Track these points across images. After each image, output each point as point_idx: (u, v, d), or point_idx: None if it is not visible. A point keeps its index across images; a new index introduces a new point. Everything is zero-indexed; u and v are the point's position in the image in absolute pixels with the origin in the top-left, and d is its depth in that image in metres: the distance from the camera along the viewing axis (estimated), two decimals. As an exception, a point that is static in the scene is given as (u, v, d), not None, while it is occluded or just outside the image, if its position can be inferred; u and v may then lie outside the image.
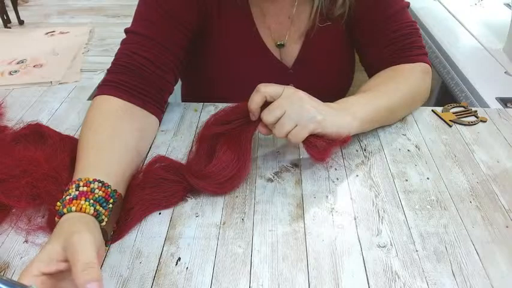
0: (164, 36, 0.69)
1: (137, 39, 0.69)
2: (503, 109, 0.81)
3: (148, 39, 0.68)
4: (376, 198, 0.59)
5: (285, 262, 0.50)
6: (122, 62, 0.67)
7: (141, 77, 0.66)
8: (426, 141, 0.70)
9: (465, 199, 0.59)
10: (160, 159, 0.62)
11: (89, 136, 0.59)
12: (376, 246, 0.52)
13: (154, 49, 0.68)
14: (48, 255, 0.42)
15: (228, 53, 0.79)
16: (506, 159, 0.66)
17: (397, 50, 0.75)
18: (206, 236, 0.53)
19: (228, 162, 0.59)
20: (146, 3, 0.72)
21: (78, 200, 0.49)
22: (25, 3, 1.33)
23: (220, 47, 0.78)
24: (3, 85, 0.85)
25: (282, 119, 0.59)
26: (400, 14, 0.76)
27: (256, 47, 0.79)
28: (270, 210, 0.57)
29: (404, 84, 0.71)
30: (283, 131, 0.59)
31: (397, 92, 0.70)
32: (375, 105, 0.67)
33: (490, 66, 1.04)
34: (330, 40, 0.81)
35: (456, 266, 0.49)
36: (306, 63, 0.81)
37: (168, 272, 0.49)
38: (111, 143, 0.59)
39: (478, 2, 1.43)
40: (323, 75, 0.84)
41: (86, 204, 0.49)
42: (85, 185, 0.50)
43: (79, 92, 0.84)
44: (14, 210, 0.55)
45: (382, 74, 0.75)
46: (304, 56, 0.81)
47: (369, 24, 0.77)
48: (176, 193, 0.58)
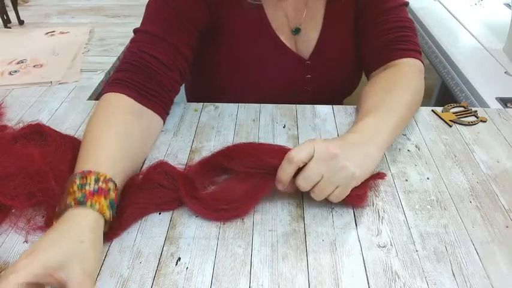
0: (173, 34, 0.69)
1: (146, 38, 0.69)
2: (503, 109, 0.81)
3: (157, 38, 0.68)
4: (376, 198, 0.59)
5: (285, 262, 0.50)
6: (131, 60, 0.67)
7: (150, 76, 0.66)
8: (426, 141, 0.70)
9: (465, 199, 0.59)
10: (162, 165, 0.60)
11: (100, 130, 0.58)
12: (376, 246, 0.52)
13: (162, 48, 0.68)
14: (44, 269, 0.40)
15: (239, 49, 0.79)
16: (506, 159, 0.66)
17: (390, 41, 0.76)
18: (206, 236, 0.53)
19: (233, 195, 0.56)
20: (155, 2, 0.72)
21: (98, 196, 0.48)
22: (25, 3, 1.33)
23: (232, 43, 0.78)
24: (3, 85, 0.85)
25: (322, 184, 0.54)
26: (397, 10, 0.77)
27: (270, 40, 0.78)
28: (270, 210, 0.57)
29: (406, 90, 0.71)
30: (324, 195, 0.55)
31: (404, 101, 0.69)
32: (390, 124, 0.64)
33: (490, 66, 1.04)
34: (344, 29, 0.81)
35: (456, 266, 0.49)
36: (323, 53, 0.81)
37: (168, 272, 0.49)
38: (121, 141, 0.58)
39: (478, 2, 1.43)
40: (339, 67, 0.84)
41: (105, 206, 0.48)
42: (104, 182, 0.50)
43: (79, 92, 0.84)
44: (14, 211, 0.55)
45: (380, 82, 0.74)
46: (321, 46, 0.81)
47: (368, 15, 0.78)
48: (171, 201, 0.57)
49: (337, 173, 0.54)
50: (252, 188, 0.57)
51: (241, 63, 0.80)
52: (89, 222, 0.46)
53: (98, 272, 0.48)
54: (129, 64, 0.66)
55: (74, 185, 0.49)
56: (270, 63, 0.80)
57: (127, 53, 0.69)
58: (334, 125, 0.74)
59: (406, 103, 0.69)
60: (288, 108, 0.77)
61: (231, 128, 0.72)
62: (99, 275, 0.48)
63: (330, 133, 0.72)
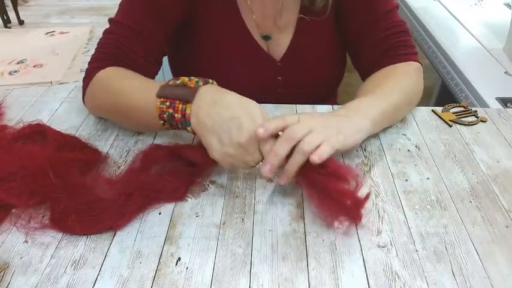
0: (148, 27, 0.69)
1: (121, 30, 0.69)
2: (503, 109, 0.81)
3: (131, 30, 0.68)
4: (376, 198, 0.59)
5: (285, 262, 0.50)
6: (108, 51, 0.67)
7: (129, 67, 0.67)
8: (426, 141, 0.70)
9: (465, 199, 0.59)
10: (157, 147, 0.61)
11: (123, 83, 0.64)
12: (376, 246, 0.52)
13: (138, 40, 0.68)
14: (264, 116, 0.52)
15: (214, 44, 0.79)
16: (506, 159, 0.66)
17: (388, 49, 0.76)
18: (206, 236, 0.53)
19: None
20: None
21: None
22: (25, 3, 1.33)
23: (207, 37, 0.78)
24: (3, 85, 0.85)
25: (309, 137, 0.53)
26: (390, 14, 0.76)
27: (243, 38, 0.78)
28: (270, 210, 0.57)
29: (403, 81, 0.71)
30: (309, 148, 0.52)
31: (399, 89, 0.69)
32: (381, 104, 0.65)
33: (490, 66, 1.04)
34: (318, 35, 0.80)
35: (456, 266, 0.49)
36: (294, 57, 0.81)
37: (168, 272, 0.49)
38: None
39: (478, 2, 1.43)
40: (311, 70, 0.83)
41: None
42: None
43: (79, 92, 0.83)
44: (14, 210, 0.55)
45: (377, 74, 0.75)
46: (293, 49, 0.80)
47: (358, 24, 0.77)
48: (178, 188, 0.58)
49: (324, 127, 0.54)
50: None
51: (213, 58, 0.80)
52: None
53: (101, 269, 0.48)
54: (107, 54, 0.67)
55: (181, 79, 0.57)
56: (241, 61, 0.80)
57: (103, 44, 0.69)
58: (334, 125, 0.74)
59: (402, 91, 0.69)
60: (287, 108, 0.77)
61: (231, 128, 0.72)
62: (99, 275, 0.48)
63: (330, 133, 0.72)
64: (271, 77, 0.71)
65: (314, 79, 0.84)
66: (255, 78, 0.81)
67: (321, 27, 0.79)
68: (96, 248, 0.51)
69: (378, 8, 0.75)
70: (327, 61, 0.84)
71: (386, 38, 0.75)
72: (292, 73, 0.81)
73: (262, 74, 0.81)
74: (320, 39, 0.81)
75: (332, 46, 0.83)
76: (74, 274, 0.48)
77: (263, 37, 0.79)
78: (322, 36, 0.81)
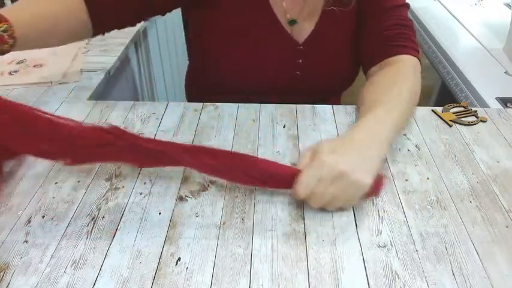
0: None
1: None
2: (503, 109, 0.81)
3: None
4: (376, 198, 0.59)
5: (285, 262, 0.50)
6: None
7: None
8: (426, 141, 0.70)
9: (465, 199, 0.59)
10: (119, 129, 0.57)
11: None
12: (376, 246, 0.52)
13: None
14: None
15: (236, 24, 0.80)
16: (506, 159, 0.66)
17: (389, 38, 0.77)
18: (206, 236, 0.53)
19: None
20: None
21: None
22: (25, 3, 1.32)
23: (229, 17, 0.79)
24: (3, 85, 0.85)
25: (330, 205, 0.55)
26: (399, 9, 0.79)
27: (267, 19, 0.79)
28: (270, 210, 0.57)
29: (405, 85, 0.71)
30: (335, 207, 0.56)
31: (403, 97, 0.69)
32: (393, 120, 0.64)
33: (490, 66, 1.04)
34: (341, 25, 0.82)
35: (456, 266, 0.49)
36: (316, 42, 0.82)
37: (168, 272, 0.49)
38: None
39: (478, 2, 1.43)
40: (330, 58, 0.85)
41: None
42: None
43: (79, 92, 0.84)
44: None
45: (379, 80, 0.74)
46: (316, 35, 0.82)
47: (369, 13, 0.80)
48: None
49: (348, 188, 0.54)
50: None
51: (234, 35, 0.80)
52: None
53: (99, 270, 0.48)
54: None
55: None
56: (263, 40, 0.81)
57: None
58: (334, 124, 0.74)
59: (406, 99, 0.69)
60: (288, 108, 0.77)
61: (231, 128, 0.72)
62: (99, 275, 0.48)
63: (330, 133, 0.72)
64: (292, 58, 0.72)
65: (331, 68, 0.85)
66: (276, 59, 0.83)
67: (345, 18, 0.81)
68: (96, 248, 0.51)
69: (386, 3, 0.78)
70: (345, 53, 0.86)
71: (390, 27, 0.77)
72: (313, 57, 0.83)
73: (283, 55, 0.83)
74: (342, 30, 0.83)
75: (351, 40, 0.85)
76: (73, 274, 0.48)
77: (289, 22, 0.81)
78: (344, 28, 0.83)
